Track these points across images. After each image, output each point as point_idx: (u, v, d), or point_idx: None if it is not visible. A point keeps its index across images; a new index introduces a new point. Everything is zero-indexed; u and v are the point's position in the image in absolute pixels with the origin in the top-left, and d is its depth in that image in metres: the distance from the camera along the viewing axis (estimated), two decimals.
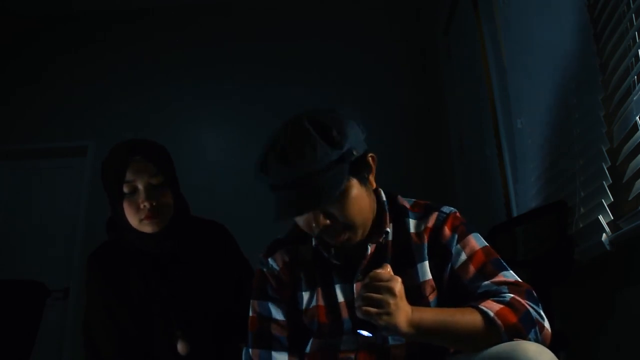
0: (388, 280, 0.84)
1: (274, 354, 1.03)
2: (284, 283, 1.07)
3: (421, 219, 1.05)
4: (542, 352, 0.78)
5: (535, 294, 0.93)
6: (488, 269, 0.97)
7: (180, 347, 1.30)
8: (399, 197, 1.11)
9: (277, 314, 1.06)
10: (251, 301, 1.09)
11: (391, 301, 0.83)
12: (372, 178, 1.03)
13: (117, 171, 1.26)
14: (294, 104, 3.64)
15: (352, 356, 0.99)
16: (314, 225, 0.95)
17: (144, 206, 1.25)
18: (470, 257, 0.99)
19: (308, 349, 1.05)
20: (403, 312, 0.84)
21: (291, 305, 1.06)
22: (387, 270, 0.87)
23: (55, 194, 3.52)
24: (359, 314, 0.85)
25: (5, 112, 3.62)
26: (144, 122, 3.46)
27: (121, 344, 1.30)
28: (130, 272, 1.33)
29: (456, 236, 1.01)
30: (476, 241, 1.01)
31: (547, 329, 0.90)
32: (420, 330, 0.86)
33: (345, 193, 0.95)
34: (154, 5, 3.79)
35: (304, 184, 0.91)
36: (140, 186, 1.26)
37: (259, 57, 3.64)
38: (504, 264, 0.99)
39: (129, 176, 1.25)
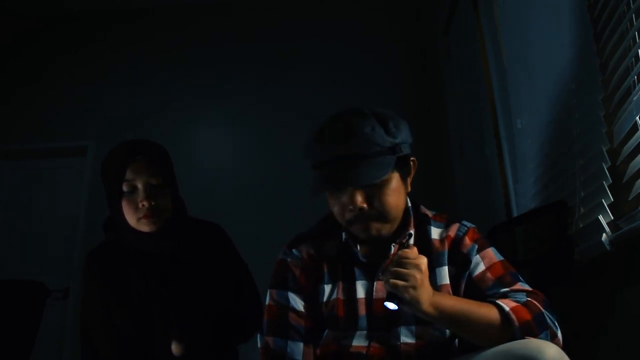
0: (415, 258, 0.90)
1: (289, 342, 1.04)
2: (307, 275, 1.09)
3: (443, 228, 1.10)
4: (562, 358, 0.80)
5: (551, 305, 0.96)
6: (506, 279, 1.01)
7: (175, 347, 1.29)
8: (422, 206, 1.15)
9: (295, 304, 1.07)
10: (269, 290, 1.11)
11: (418, 276, 0.88)
12: (409, 180, 1.07)
13: (117, 170, 1.26)
14: (294, 104, 3.66)
15: (364, 352, 1.02)
16: (350, 207, 0.99)
17: (143, 205, 1.26)
18: (489, 268, 1.02)
19: (322, 339, 1.06)
20: (426, 290, 0.89)
21: (311, 297, 1.08)
22: (414, 250, 0.92)
23: (55, 194, 3.51)
24: (387, 287, 0.90)
25: (5, 112, 3.62)
26: (144, 122, 3.46)
27: (120, 344, 1.30)
28: (130, 272, 1.33)
29: (476, 247, 1.05)
30: (495, 254, 1.05)
31: (558, 338, 0.92)
32: (439, 311, 0.90)
33: (387, 181, 1.00)
34: (154, 5, 3.79)
35: (355, 161, 0.95)
36: (139, 185, 1.26)
37: (259, 57, 3.64)
38: (521, 277, 1.02)
39: (128, 175, 1.26)
